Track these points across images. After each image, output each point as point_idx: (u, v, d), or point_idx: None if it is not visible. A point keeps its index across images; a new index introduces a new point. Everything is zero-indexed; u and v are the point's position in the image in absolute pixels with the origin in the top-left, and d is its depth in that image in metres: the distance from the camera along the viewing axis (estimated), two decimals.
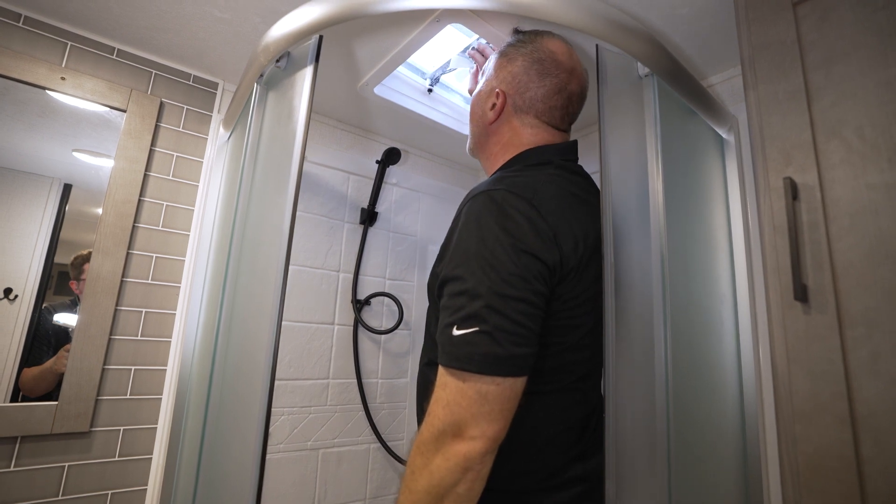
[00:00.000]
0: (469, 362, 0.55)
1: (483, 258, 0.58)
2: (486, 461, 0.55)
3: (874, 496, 0.52)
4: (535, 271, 0.58)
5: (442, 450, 0.55)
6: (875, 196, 0.56)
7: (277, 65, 0.84)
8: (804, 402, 0.57)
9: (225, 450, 0.75)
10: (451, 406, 0.55)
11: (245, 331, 0.77)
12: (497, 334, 0.55)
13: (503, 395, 0.55)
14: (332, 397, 1.33)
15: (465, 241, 0.61)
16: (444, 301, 0.61)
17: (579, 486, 0.64)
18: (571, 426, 0.66)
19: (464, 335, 0.56)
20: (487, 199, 0.62)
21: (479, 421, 0.54)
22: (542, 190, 0.65)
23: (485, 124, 0.80)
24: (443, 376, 0.58)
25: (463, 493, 0.54)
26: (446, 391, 0.56)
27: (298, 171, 0.71)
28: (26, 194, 0.98)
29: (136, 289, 1.07)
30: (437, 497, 0.54)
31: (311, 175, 1.38)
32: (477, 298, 0.56)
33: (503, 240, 0.58)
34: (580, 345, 0.66)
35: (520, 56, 0.78)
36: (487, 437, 0.54)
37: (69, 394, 0.96)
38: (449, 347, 0.57)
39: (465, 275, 0.58)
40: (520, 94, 0.76)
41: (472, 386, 0.55)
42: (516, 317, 0.56)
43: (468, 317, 0.56)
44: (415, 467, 0.57)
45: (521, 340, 0.56)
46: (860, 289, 0.56)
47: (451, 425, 0.55)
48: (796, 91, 0.64)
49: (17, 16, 1.00)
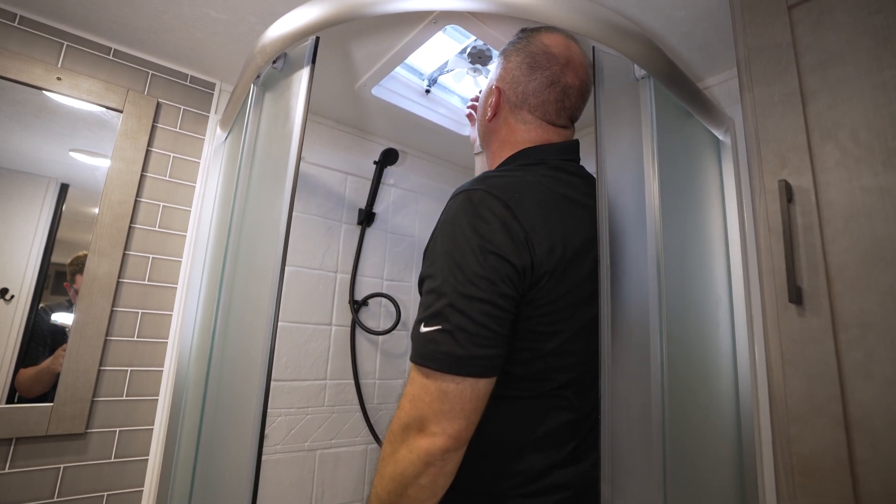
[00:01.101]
0: (431, 360, 0.56)
1: (451, 257, 0.59)
2: (448, 458, 0.56)
3: (868, 497, 0.52)
4: (502, 273, 0.58)
5: (406, 442, 0.57)
6: (869, 199, 0.56)
7: (274, 66, 0.84)
8: (799, 404, 0.58)
9: (221, 451, 0.75)
10: (416, 401, 0.57)
11: (242, 332, 0.77)
12: (457, 334, 0.56)
13: (463, 395, 0.56)
14: (329, 398, 1.33)
15: (438, 240, 0.62)
16: (421, 298, 0.62)
17: (563, 493, 0.63)
18: (553, 432, 0.64)
19: (428, 332, 0.57)
20: (465, 199, 0.62)
21: (440, 418, 0.55)
22: (524, 191, 0.64)
23: (485, 122, 0.80)
24: (411, 371, 0.59)
25: (426, 485, 0.56)
26: (413, 386, 0.58)
27: (295, 172, 0.71)
28: (23, 194, 0.97)
29: (133, 289, 1.07)
30: (401, 485, 0.56)
31: (308, 176, 1.38)
32: (442, 297, 0.57)
33: (472, 240, 0.59)
34: (561, 351, 0.64)
35: (514, 52, 0.78)
36: (448, 434, 0.55)
37: (65, 395, 0.95)
38: (416, 344, 0.59)
39: (436, 273, 0.59)
40: (513, 89, 0.76)
41: (434, 383, 0.56)
42: (479, 318, 0.57)
43: (433, 315, 0.57)
44: (385, 454, 0.59)
45: (484, 342, 0.57)
46: (854, 291, 0.56)
47: (415, 420, 0.56)
48: (791, 94, 0.64)
49: (13, 16, 1.00)
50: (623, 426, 0.63)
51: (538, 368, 0.64)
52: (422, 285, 0.63)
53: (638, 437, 0.63)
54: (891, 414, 0.52)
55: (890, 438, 0.51)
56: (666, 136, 0.78)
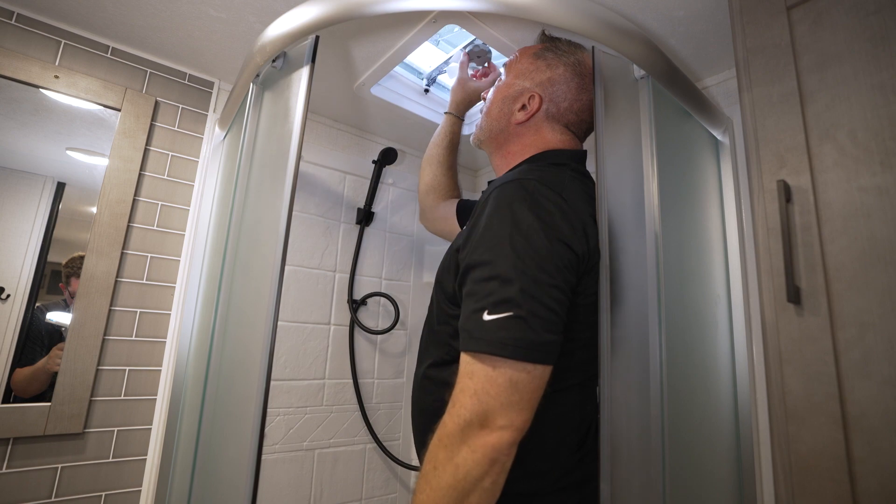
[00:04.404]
0: (502, 347, 0.53)
1: (516, 242, 0.57)
2: (511, 453, 0.54)
3: (866, 496, 0.52)
4: (566, 260, 0.58)
5: (468, 441, 0.53)
6: (867, 199, 0.57)
7: (274, 64, 0.84)
8: (797, 403, 0.58)
9: (220, 451, 0.75)
10: (480, 395, 0.53)
11: (241, 331, 0.77)
12: (531, 319, 0.54)
13: (533, 384, 0.54)
14: (328, 398, 1.33)
15: (495, 226, 0.59)
16: (469, 287, 0.59)
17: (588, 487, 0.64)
18: (579, 426, 0.66)
19: (496, 320, 0.54)
20: (519, 187, 0.61)
21: (508, 410, 0.52)
22: (568, 185, 0.66)
23: (510, 123, 0.80)
24: (469, 364, 0.55)
25: (489, 488, 0.52)
26: (474, 379, 0.54)
27: (294, 171, 0.71)
28: (19, 193, 0.97)
29: (131, 289, 1.07)
30: (462, 492, 0.52)
31: (307, 175, 1.38)
32: (510, 283, 0.55)
33: (537, 226, 0.58)
34: (589, 343, 0.65)
35: (562, 65, 0.79)
36: (515, 426, 0.53)
37: (62, 395, 0.95)
38: (479, 333, 0.55)
39: (496, 259, 0.57)
40: (555, 102, 0.78)
41: (504, 373, 0.53)
42: (549, 303, 0.55)
43: (501, 301, 0.55)
44: (437, 462, 0.54)
45: (553, 327, 0.56)
46: (852, 291, 0.56)
47: (478, 415, 0.53)
48: (790, 94, 0.64)
49: (10, 13, 0.99)
50: (622, 425, 0.63)
51: (578, 359, 0.65)
52: (468, 274, 0.60)
53: (637, 435, 0.64)
54: (889, 413, 0.52)
55: (888, 437, 0.52)
56: (665, 136, 0.79)
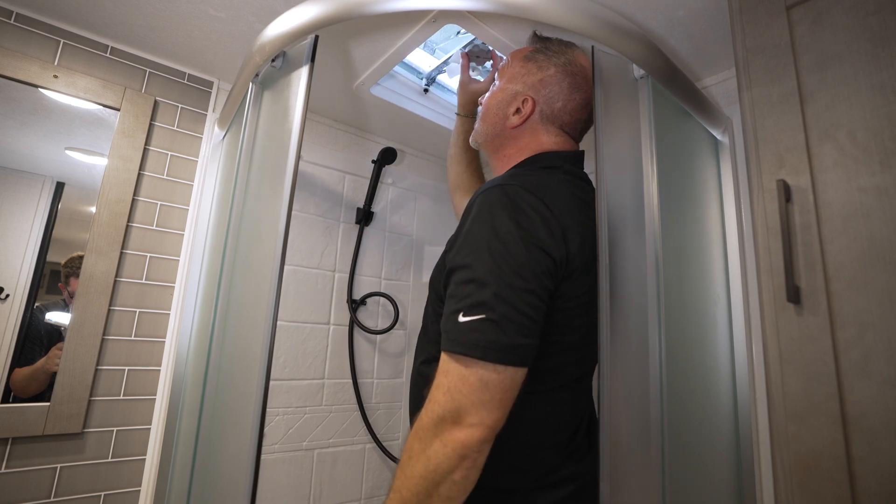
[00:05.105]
0: (473, 348, 0.55)
1: (494, 248, 0.59)
2: (482, 450, 0.55)
3: (865, 495, 0.52)
4: (543, 266, 0.59)
5: (441, 436, 0.55)
6: (866, 199, 0.57)
7: (273, 64, 0.84)
8: (797, 403, 0.58)
9: (220, 450, 0.75)
10: (452, 392, 0.56)
11: (240, 331, 0.77)
12: (503, 323, 0.56)
13: (504, 384, 0.56)
14: (327, 397, 1.33)
15: (476, 231, 0.61)
16: (450, 289, 0.61)
17: (572, 485, 0.65)
18: (564, 427, 0.67)
19: (470, 322, 0.57)
20: (501, 193, 0.62)
21: (478, 408, 0.55)
22: (554, 190, 0.66)
23: (506, 127, 0.80)
24: (445, 363, 0.58)
25: (458, 481, 0.55)
26: (448, 377, 0.57)
27: (294, 171, 0.71)
28: (18, 192, 0.97)
29: (130, 289, 1.07)
30: (432, 483, 0.55)
31: (306, 175, 1.37)
32: (485, 287, 0.57)
33: (515, 232, 0.59)
34: (579, 345, 0.67)
35: (552, 66, 0.78)
36: (486, 425, 0.55)
37: (61, 394, 0.95)
38: (454, 334, 0.57)
39: (475, 263, 0.59)
40: (549, 104, 0.77)
41: (475, 373, 0.55)
42: (523, 307, 0.57)
43: (475, 304, 0.57)
44: (412, 452, 0.57)
45: (526, 331, 0.57)
46: (852, 290, 0.56)
47: (451, 412, 0.55)
48: (790, 94, 0.65)
49: (9, 13, 0.99)
50: (622, 424, 0.63)
51: (560, 361, 0.66)
52: (450, 276, 0.62)
53: (637, 435, 0.64)
54: (888, 412, 0.52)
55: (887, 437, 0.52)
56: (664, 136, 0.79)
